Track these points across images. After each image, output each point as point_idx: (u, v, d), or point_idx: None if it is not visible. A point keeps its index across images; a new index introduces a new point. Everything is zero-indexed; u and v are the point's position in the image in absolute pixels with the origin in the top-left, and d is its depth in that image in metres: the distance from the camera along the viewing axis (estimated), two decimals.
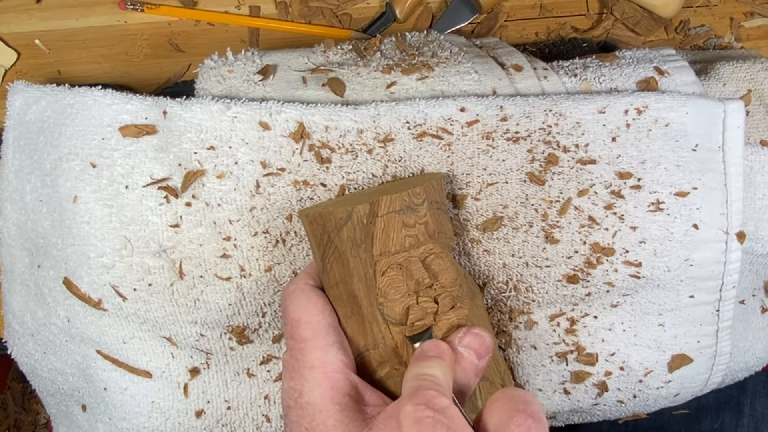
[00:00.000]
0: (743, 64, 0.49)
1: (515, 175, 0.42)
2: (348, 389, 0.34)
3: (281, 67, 0.43)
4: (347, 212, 0.34)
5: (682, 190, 0.43)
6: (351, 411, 0.33)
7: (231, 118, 0.39)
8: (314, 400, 0.33)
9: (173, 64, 0.54)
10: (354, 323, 0.36)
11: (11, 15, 0.52)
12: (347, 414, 0.33)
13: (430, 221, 0.35)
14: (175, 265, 0.39)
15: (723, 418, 0.57)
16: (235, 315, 0.41)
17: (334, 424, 0.32)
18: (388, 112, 0.41)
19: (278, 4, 0.55)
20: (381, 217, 0.34)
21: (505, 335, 0.44)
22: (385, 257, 0.34)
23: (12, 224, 0.41)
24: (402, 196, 0.35)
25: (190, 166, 0.39)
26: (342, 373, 0.34)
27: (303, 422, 0.33)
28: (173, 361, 0.41)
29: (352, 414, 0.33)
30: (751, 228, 0.45)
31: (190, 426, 0.42)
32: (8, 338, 0.44)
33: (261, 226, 0.40)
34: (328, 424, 0.32)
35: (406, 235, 0.35)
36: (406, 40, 0.48)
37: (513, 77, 0.44)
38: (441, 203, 0.37)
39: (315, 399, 0.33)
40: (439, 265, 0.35)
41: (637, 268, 0.43)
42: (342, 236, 0.35)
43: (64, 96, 0.39)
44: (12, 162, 0.41)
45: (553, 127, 0.42)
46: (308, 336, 0.35)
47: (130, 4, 0.52)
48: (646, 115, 0.43)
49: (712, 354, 0.46)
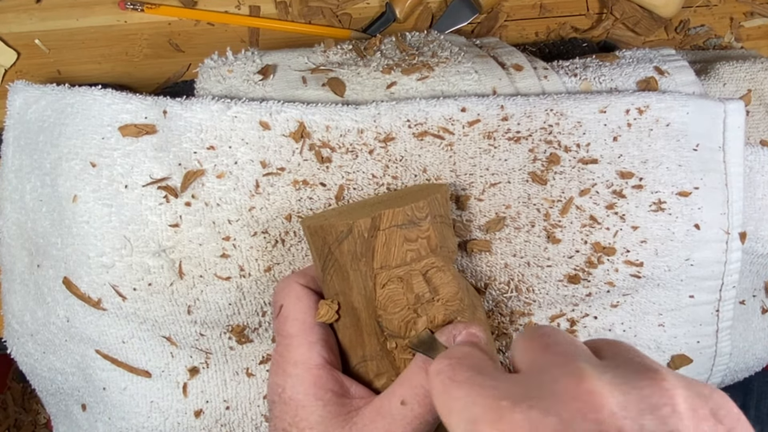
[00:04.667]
0: (743, 64, 0.49)
1: (517, 174, 0.42)
2: (331, 385, 0.34)
3: (281, 67, 0.43)
4: (348, 226, 0.34)
5: (683, 190, 0.43)
6: (334, 406, 0.33)
7: (231, 117, 0.39)
8: (297, 396, 0.33)
9: (173, 64, 0.54)
10: (352, 334, 0.36)
11: (11, 15, 0.52)
12: (330, 409, 0.33)
13: (433, 236, 0.35)
14: (174, 264, 0.39)
15: None
16: (235, 314, 0.41)
17: (317, 420, 0.32)
18: (388, 111, 0.40)
19: (278, 4, 0.55)
20: (382, 231, 0.34)
21: (506, 337, 0.44)
22: (385, 270, 0.34)
23: (12, 224, 0.41)
24: (404, 210, 0.34)
25: (189, 165, 0.39)
26: (324, 369, 0.34)
27: (286, 417, 0.33)
28: (173, 361, 0.41)
29: (335, 409, 0.33)
30: (751, 228, 0.45)
31: (189, 426, 0.42)
32: (8, 338, 0.44)
33: (260, 226, 0.40)
34: (311, 420, 0.33)
35: (407, 249, 0.34)
36: (406, 40, 0.47)
37: (513, 77, 0.44)
38: (445, 216, 0.37)
39: (298, 395, 0.33)
40: (440, 278, 0.35)
41: (638, 268, 0.42)
42: (342, 249, 0.34)
43: (64, 96, 0.39)
44: (12, 161, 0.41)
45: (555, 127, 0.42)
46: (294, 333, 0.35)
47: (130, 4, 0.52)
48: (648, 114, 0.43)
49: (711, 354, 0.46)
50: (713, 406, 0.22)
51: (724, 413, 0.22)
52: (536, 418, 0.22)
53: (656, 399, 0.22)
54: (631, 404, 0.22)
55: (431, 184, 0.41)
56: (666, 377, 0.23)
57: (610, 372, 0.23)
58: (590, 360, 0.24)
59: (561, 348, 0.25)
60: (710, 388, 0.23)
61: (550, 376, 0.23)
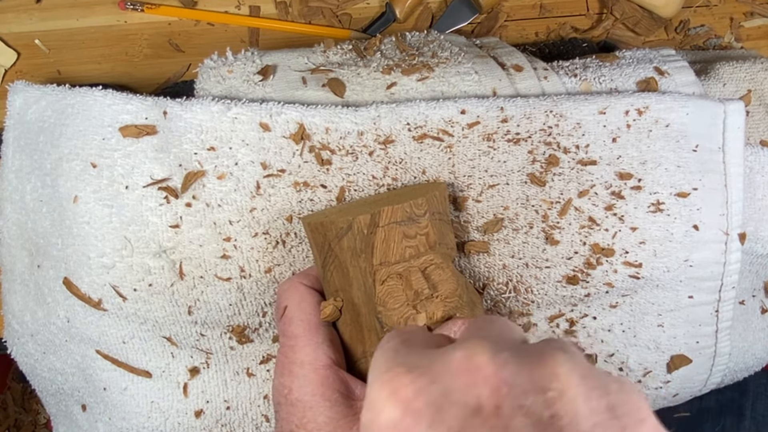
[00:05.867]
0: (743, 64, 0.49)
1: (516, 176, 0.42)
2: (338, 385, 0.34)
3: (281, 68, 0.43)
4: (348, 222, 0.34)
5: (682, 191, 0.43)
6: (341, 407, 0.33)
7: (231, 118, 0.39)
8: (304, 397, 0.33)
9: (173, 64, 0.54)
10: (352, 330, 0.36)
11: (11, 15, 0.52)
12: (337, 410, 0.33)
13: (432, 232, 0.35)
14: (175, 265, 0.39)
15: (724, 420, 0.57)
16: (235, 315, 0.41)
17: (324, 420, 0.32)
18: (388, 113, 0.41)
19: (278, 4, 0.55)
20: (382, 228, 0.34)
21: None
22: (384, 267, 0.34)
23: (12, 224, 0.41)
24: (403, 207, 0.34)
25: (190, 166, 0.39)
26: (331, 369, 0.34)
27: (293, 419, 0.33)
28: (173, 361, 0.41)
29: (343, 410, 0.33)
30: (751, 228, 0.45)
31: (189, 426, 0.42)
32: (8, 338, 0.44)
33: (261, 227, 0.40)
34: (318, 421, 0.32)
35: (406, 245, 0.34)
36: (406, 40, 0.47)
37: (513, 77, 0.44)
38: (444, 214, 0.37)
39: (305, 396, 0.33)
40: (439, 275, 0.35)
41: (637, 269, 0.43)
42: (342, 245, 0.35)
43: (65, 96, 0.39)
44: (12, 162, 0.41)
45: (554, 128, 0.42)
46: (299, 333, 0.35)
47: (130, 4, 0.52)
48: (647, 115, 0.43)
49: (711, 354, 0.46)
50: (614, 401, 0.22)
51: (624, 411, 0.22)
52: (422, 384, 0.23)
53: (545, 382, 0.22)
54: (517, 383, 0.22)
55: (430, 183, 0.41)
56: (563, 363, 0.22)
57: (508, 352, 0.23)
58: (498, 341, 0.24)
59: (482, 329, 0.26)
60: (622, 383, 0.23)
61: (450, 351, 0.24)
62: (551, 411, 0.21)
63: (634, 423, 0.22)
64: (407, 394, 0.23)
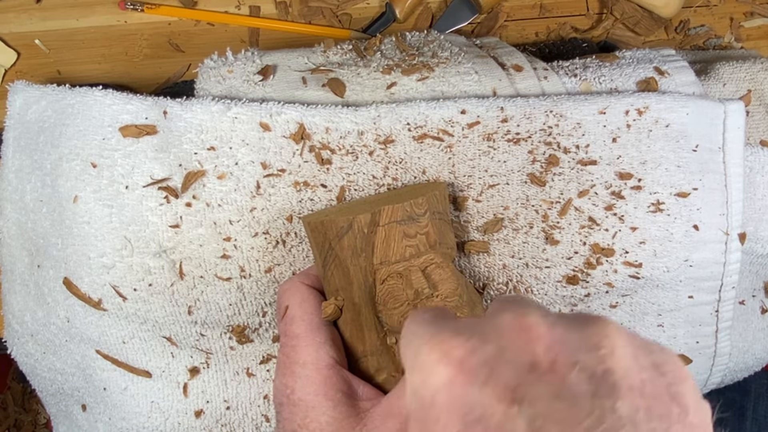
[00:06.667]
0: (743, 64, 0.49)
1: (516, 176, 0.42)
2: (340, 385, 0.34)
3: (281, 67, 0.43)
4: (348, 221, 0.34)
5: (682, 191, 0.43)
6: (344, 407, 0.33)
7: (231, 118, 0.39)
8: (307, 397, 0.33)
9: (173, 64, 0.54)
10: (353, 329, 0.36)
11: (11, 15, 0.52)
12: (340, 410, 0.33)
13: (432, 232, 0.35)
14: (175, 265, 0.39)
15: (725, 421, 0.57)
16: (235, 315, 0.41)
17: (327, 420, 0.32)
18: (388, 113, 0.41)
19: (278, 4, 0.55)
20: (382, 227, 0.34)
21: None
22: (385, 266, 0.34)
23: (12, 224, 0.41)
24: (404, 206, 0.34)
25: (190, 166, 0.39)
26: (334, 369, 0.34)
27: (296, 419, 0.33)
28: (173, 361, 0.41)
29: (346, 410, 0.33)
30: (751, 228, 0.45)
31: (189, 426, 0.42)
32: (8, 338, 0.44)
33: (261, 226, 0.40)
34: (321, 421, 0.32)
35: (406, 245, 0.34)
36: (406, 40, 0.47)
37: (513, 77, 0.44)
38: (444, 213, 0.37)
39: (308, 396, 0.33)
40: (439, 274, 0.35)
41: (637, 269, 0.43)
42: (343, 244, 0.35)
43: (65, 96, 0.39)
44: (12, 162, 0.41)
45: (554, 128, 0.42)
46: (300, 333, 0.35)
47: (130, 4, 0.52)
48: (647, 115, 0.43)
49: (711, 354, 0.46)
50: (658, 360, 0.23)
51: (668, 369, 0.23)
52: (474, 345, 0.23)
53: (596, 340, 0.23)
54: (569, 341, 0.23)
55: (430, 182, 0.41)
56: (610, 325, 0.24)
57: (555, 317, 0.24)
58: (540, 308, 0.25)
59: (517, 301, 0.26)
60: (662, 347, 0.24)
61: (496, 316, 0.24)
62: (604, 366, 0.22)
63: (677, 380, 0.23)
64: (460, 354, 0.23)
